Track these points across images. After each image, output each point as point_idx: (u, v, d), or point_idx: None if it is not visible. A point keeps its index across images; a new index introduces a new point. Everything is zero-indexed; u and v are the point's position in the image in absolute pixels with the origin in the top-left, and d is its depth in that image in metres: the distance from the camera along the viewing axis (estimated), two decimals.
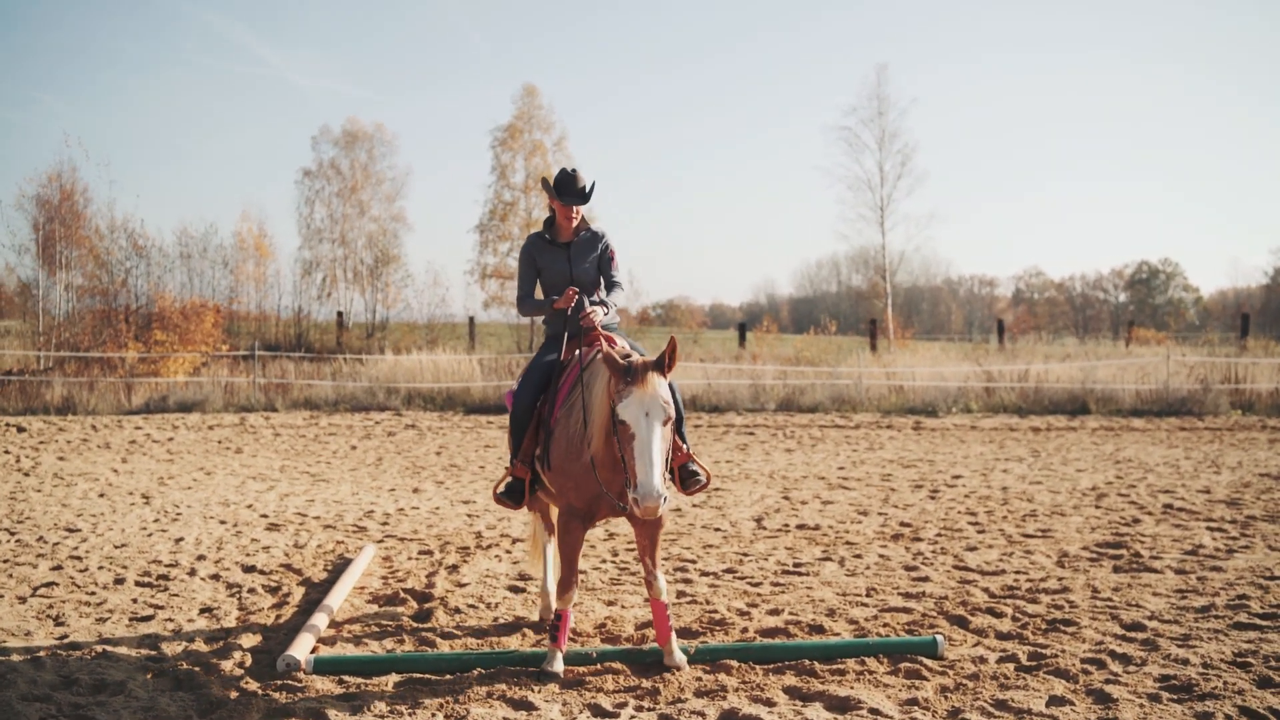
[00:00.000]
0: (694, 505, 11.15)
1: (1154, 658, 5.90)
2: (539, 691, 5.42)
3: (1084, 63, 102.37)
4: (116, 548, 8.95)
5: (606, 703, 5.27)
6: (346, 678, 5.68)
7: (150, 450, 16.11)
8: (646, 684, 5.54)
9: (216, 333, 28.88)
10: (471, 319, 40.68)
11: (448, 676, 5.68)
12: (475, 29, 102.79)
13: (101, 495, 11.67)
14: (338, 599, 7.15)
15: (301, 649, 5.96)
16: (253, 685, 5.55)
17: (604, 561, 8.63)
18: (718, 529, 9.90)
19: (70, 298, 32.82)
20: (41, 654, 6.08)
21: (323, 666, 5.77)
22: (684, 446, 6.36)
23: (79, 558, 8.56)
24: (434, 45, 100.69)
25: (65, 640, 6.36)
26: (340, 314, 42.40)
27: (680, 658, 5.84)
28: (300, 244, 54.31)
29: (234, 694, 5.41)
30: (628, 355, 5.64)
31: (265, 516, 10.45)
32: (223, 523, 10.10)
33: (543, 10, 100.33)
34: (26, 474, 13.33)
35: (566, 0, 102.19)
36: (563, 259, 6.49)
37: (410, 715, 5.12)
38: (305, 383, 24.01)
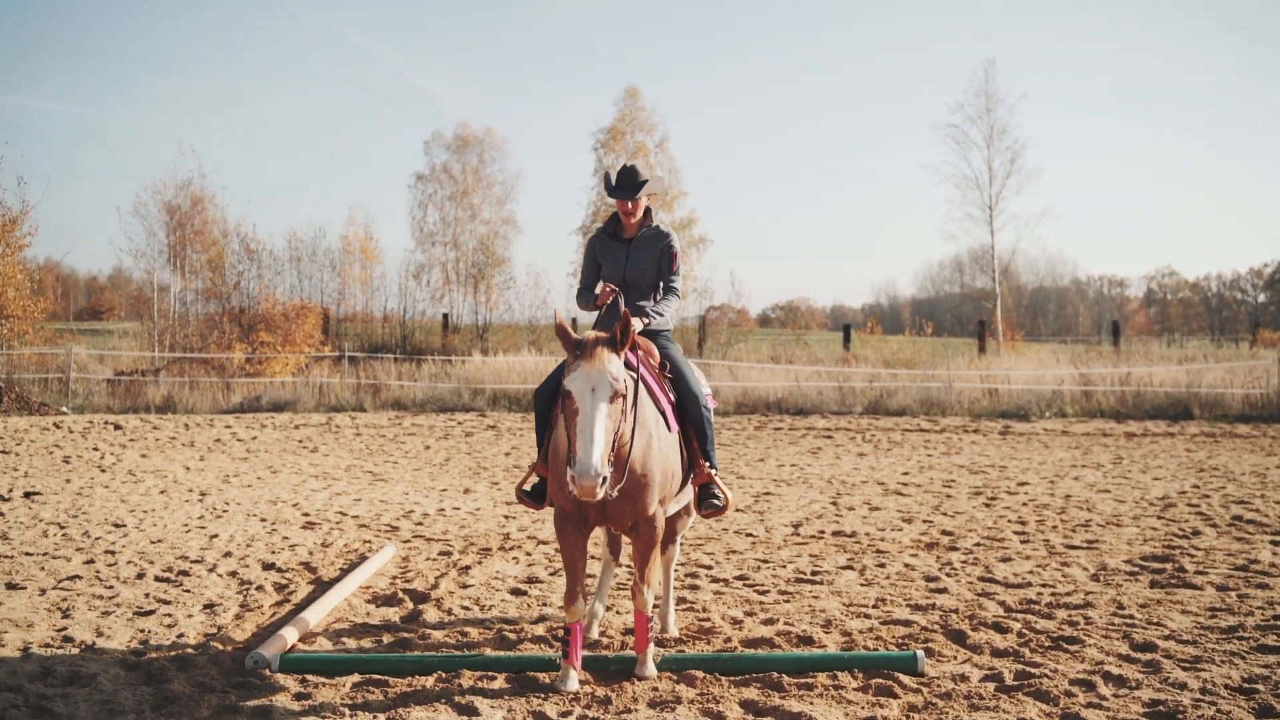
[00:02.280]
0: (737, 510, 10.94)
1: (1151, 681, 5.53)
2: (488, 698, 5.33)
3: (1214, 53, 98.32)
4: (152, 543, 9.17)
5: (553, 710, 5.16)
6: (310, 676, 5.67)
7: (230, 449, 16.54)
8: (601, 692, 5.40)
9: (317, 334, 29.60)
10: (574, 320, 40.91)
11: (406, 679, 5.62)
12: (596, 33, 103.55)
13: (162, 492, 12.00)
14: (335, 598, 7.18)
15: (274, 647, 5.99)
16: (216, 681, 5.60)
17: (619, 566, 8.49)
18: (750, 535, 9.68)
19: (186, 300, 34.03)
20: (34, 645, 6.23)
21: (288, 665, 5.79)
22: (706, 465, 6.15)
23: (113, 552, 8.79)
24: (555, 48, 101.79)
25: (62, 632, 6.51)
26: (446, 316, 43.01)
27: (652, 670, 5.68)
28: (413, 247, 55.51)
29: (193, 689, 5.45)
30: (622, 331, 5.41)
31: (306, 515, 10.60)
32: (263, 520, 10.28)
33: (656, 13, 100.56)
34: (103, 470, 13.80)
35: (681, 5, 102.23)
36: (621, 256, 6.29)
37: (351, 715, 5.08)
38: (397, 384, 24.43)
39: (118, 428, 19.08)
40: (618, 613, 7.09)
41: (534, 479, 6.24)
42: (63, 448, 16.10)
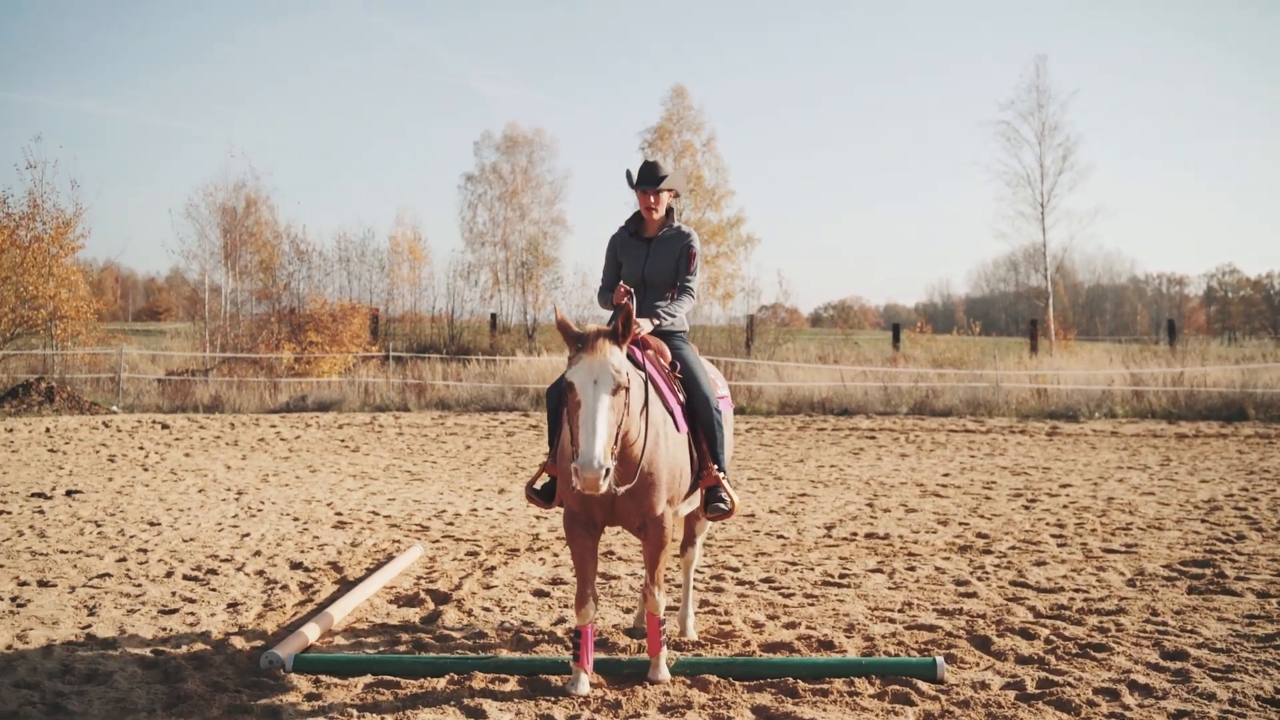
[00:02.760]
0: (770, 511, 10.83)
1: (1178, 691, 5.37)
2: (498, 700, 5.29)
3: (1276, 45, 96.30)
4: (184, 541, 9.25)
5: (561, 714, 5.11)
6: (323, 677, 5.67)
7: (273, 448, 16.68)
8: (612, 696, 5.35)
9: (365, 334, 29.83)
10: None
11: (418, 680, 5.60)
12: (645, 32, 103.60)
13: (201, 491, 12.12)
14: (357, 599, 7.19)
15: (290, 646, 6.00)
16: (230, 680, 5.61)
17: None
18: (781, 537, 9.58)
19: (237, 301, 34.45)
20: (56, 642, 6.29)
21: (301, 665, 5.79)
22: (714, 468, 6.06)
23: (145, 550, 8.87)
24: (604, 47, 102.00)
25: (86, 630, 6.57)
26: (494, 316, 43.21)
27: (665, 674, 5.61)
28: (462, 247, 55.82)
29: (207, 688, 5.47)
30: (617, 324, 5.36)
31: (339, 515, 10.64)
32: (295, 519, 10.34)
33: (705, 12, 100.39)
34: (145, 469, 13.97)
35: (730, 3, 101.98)
36: (641, 255, 6.22)
37: (360, 717, 5.06)
38: (442, 383, 24.54)
39: (165, 427, 19.34)
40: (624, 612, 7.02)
41: (544, 478, 6.19)
42: (109, 446, 16.33)
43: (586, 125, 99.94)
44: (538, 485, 6.17)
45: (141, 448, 16.33)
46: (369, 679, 5.62)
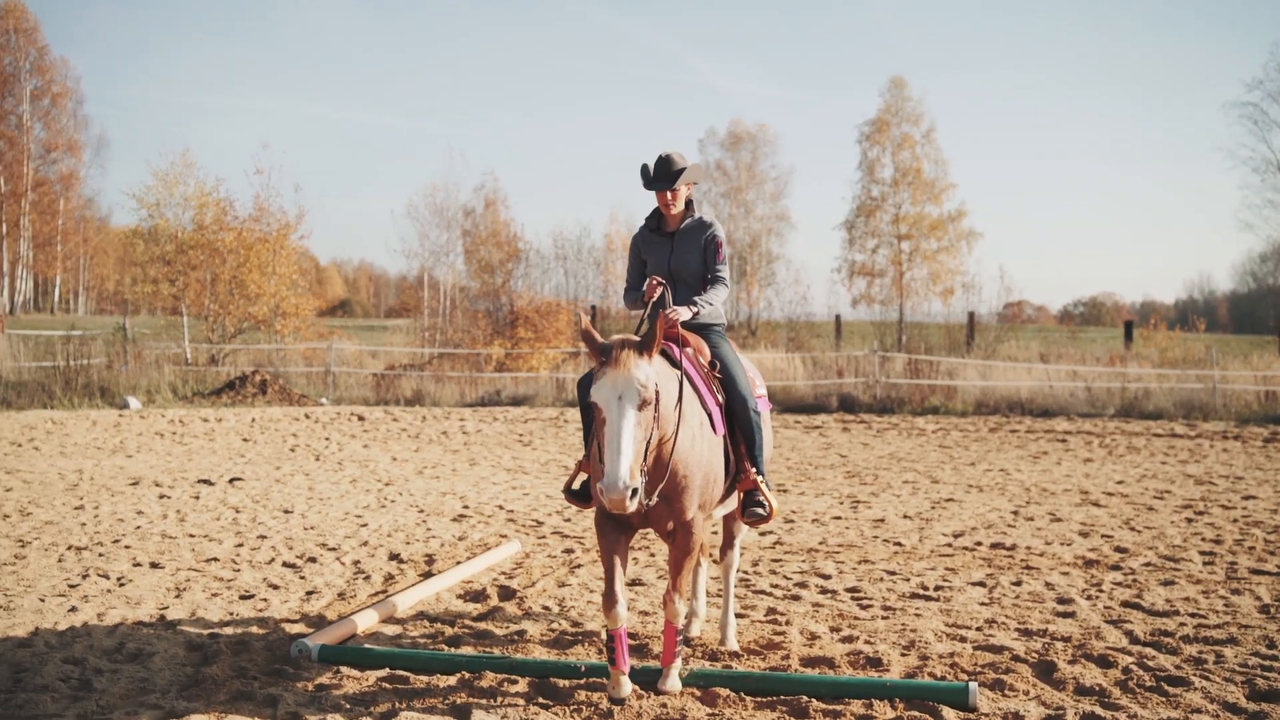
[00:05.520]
0: (904, 517, 10.29)
1: None
2: (492, 701, 5.18)
3: None
4: (305, 530, 9.58)
5: None
6: (343, 668, 5.71)
7: (450, 441, 17.17)
8: (605, 705, 5.14)
9: (569, 330, 30.39)
10: (838, 317, 40.13)
11: (431, 675, 5.56)
12: (864, 22, 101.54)
13: (353, 481, 12.57)
14: (425, 591, 7.26)
15: (325, 636, 6.08)
16: (254, 667, 5.73)
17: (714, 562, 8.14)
18: (898, 544, 9.07)
19: (456, 298, 35.85)
20: (127, 622, 6.62)
21: (325, 655, 5.86)
22: (752, 471, 5.82)
23: (265, 537, 9.25)
24: (824, 39, 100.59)
25: (162, 611, 6.89)
26: None
27: (675, 684, 5.36)
28: None
29: (229, 673, 5.60)
30: (638, 334, 5.17)
31: (465, 508, 10.80)
32: (420, 511, 10.56)
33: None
34: (317, 459, 14.64)
35: None
36: (665, 249, 6.03)
37: (349, 710, 5.06)
38: None
39: (360, 419, 20.23)
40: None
41: (582, 477, 6.03)
42: (298, 437, 17.22)
43: (808, 119, 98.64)
44: (575, 485, 6.03)
45: (328, 439, 17.13)
46: (384, 673, 5.63)
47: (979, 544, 9.03)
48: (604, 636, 6.00)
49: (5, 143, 53.38)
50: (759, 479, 5.81)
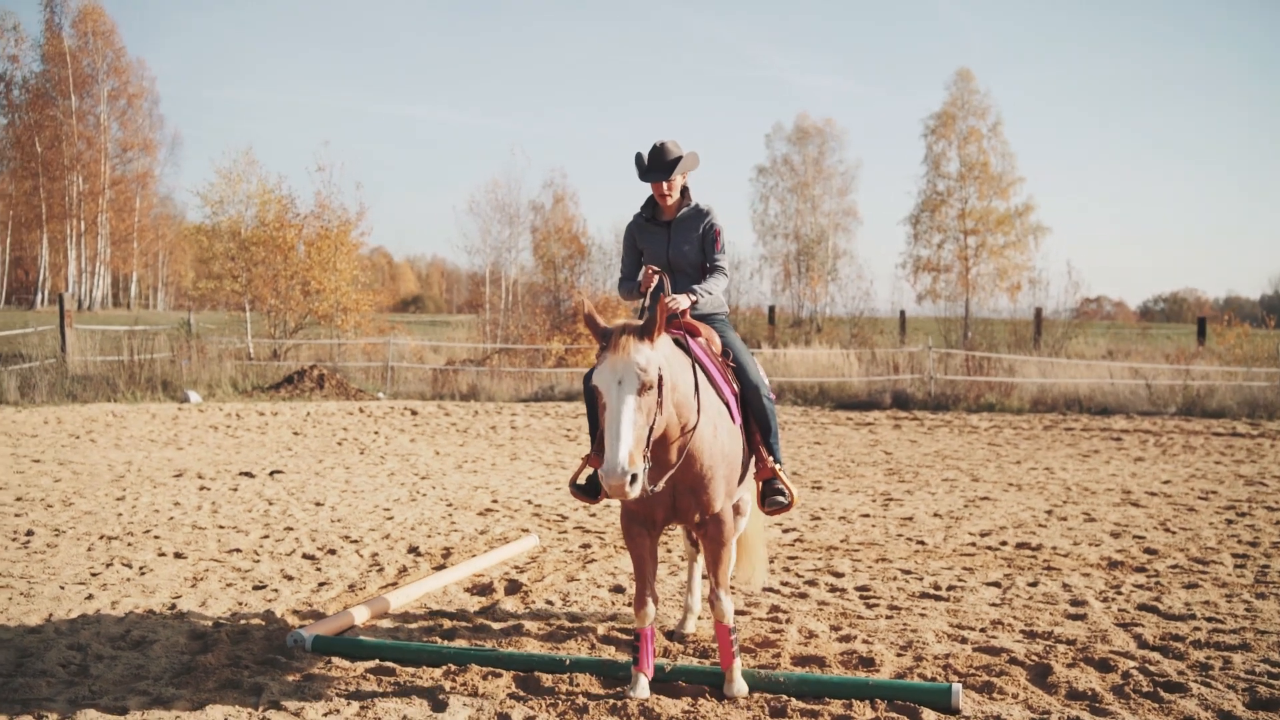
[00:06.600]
0: (933, 515, 10.14)
1: None
2: (470, 694, 5.20)
3: None
4: (332, 522, 9.71)
5: (519, 715, 4.96)
6: (335, 659, 5.78)
7: (496, 435, 17.27)
8: (581, 701, 5.13)
9: None
10: (902, 313, 39.69)
11: (417, 667, 5.60)
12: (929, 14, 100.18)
13: (391, 475, 12.71)
14: (433, 584, 7.32)
15: (322, 627, 6.16)
16: (248, 657, 5.83)
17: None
18: (921, 543, 8.94)
19: (518, 294, 36.08)
20: (138, 610, 6.76)
21: (319, 646, 5.93)
22: (769, 459, 5.80)
23: (291, 529, 9.38)
24: (889, 30, 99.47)
25: (175, 600, 7.03)
26: (771, 309, 43.03)
27: (741, 687, 5.26)
28: (755, 240, 55.97)
29: (222, 662, 5.71)
30: (640, 318, 5.14)
31: (494, 501, 10.87)
32: (448, 505, 10.64)
33: None
34: (362, 452, 14.82)
35: None
36: (662, 239, 5.99)
37: (330, 699, 5.12)
38: None
39: (413, 413, 20.42)
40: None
41: (587, 471, 6.01)
42: (348, 431, 17.43)
43: (872, 112, 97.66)
44: (580, 480, 6.01)
45: (376, 433, 17.32)
46: (373, 664, 5.68)
47: (1004, 544, 8.87)
48: (631, 635, 5.96)
49: (84, 142, 54.95)
50: (777, 467, 5.78)
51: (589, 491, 5.88)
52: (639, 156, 5.85)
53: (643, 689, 5.21)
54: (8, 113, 56.00)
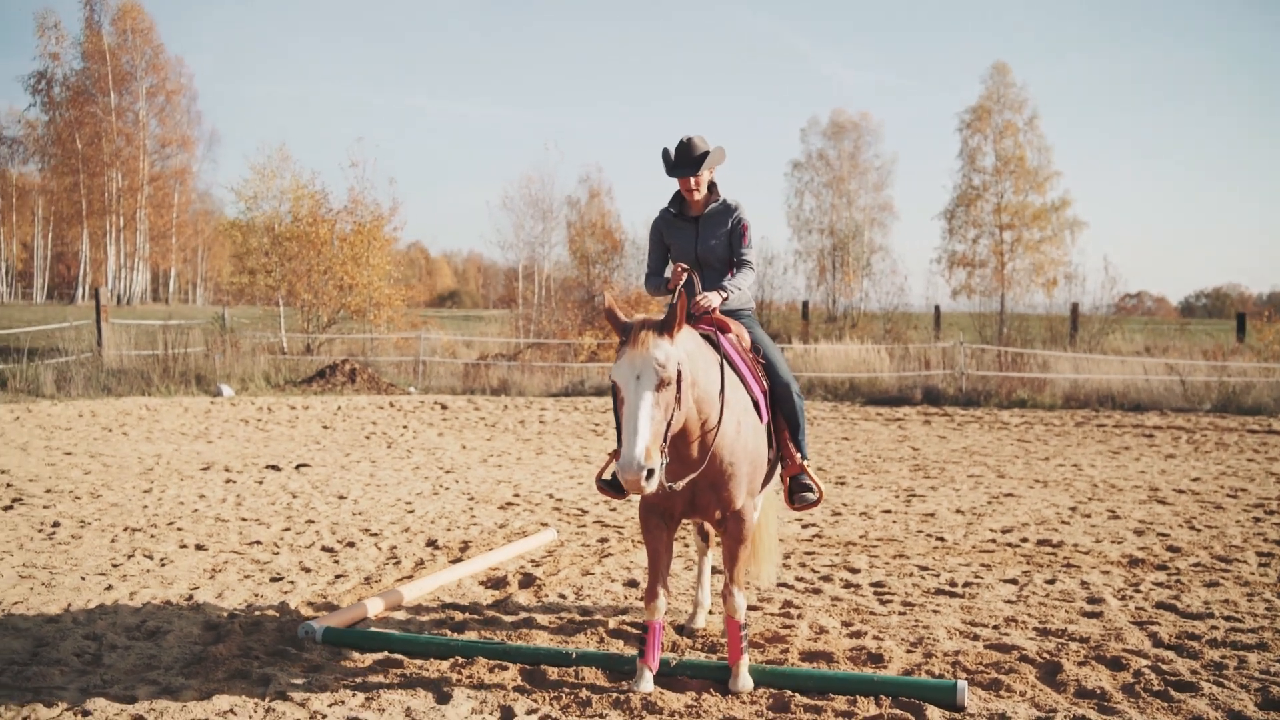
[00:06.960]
0: (956, 511, 10.07)
1: None
2: (475, 687, 5.22)
3: None
4: (353, 515, 9.77)
5: (521, 708, 4.98)
6: (345, 650, 5.83)
7: (525, 430, 17.31)
8: (584, 694, 5.14)
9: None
10: (937, 308, 39.42)
11: (425, 659, 5.63)
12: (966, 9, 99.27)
13: (416, 468, 12.77)
14: (447, 577, 7.36)
15: (334, 619, 6.21)
16: (259, 648, 5.88)
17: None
18: (940, 539, 8.88)
19: (551, 289, 36.15)
20: (155, 601, 6.84)
21: (329, 637, 5.98)
22: (798, 455, 5.81)
23: (313, 521, 9.46)
24: (925, 25, 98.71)
25: (192, 591, 7.10)
26: (805, 304, 42.83)
27: (747, 682, 5.27)
28: (789, 235, 55.76)
29: (233, 653, 5.76)
30: (659, 314, 5.14)
31: (517, 496, 10.89)
32: (470, 499, 10.68)
33: None
34: (389, 446, 14.91)
35: None
36: (690, 234, 6.00)
37: (337, 690, 5.16)
38: None
39: (444, 407, 20.52)
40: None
41: (613, 467, 6.01)
42: (377, 424, 17.53)
43: (907, 106, 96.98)
44: (606, 475, 6.02)
45: (405, 426, 17.40)
46: (381, 655, 5.72)
47: (1024, 540, 8.79)
48: (640, 627, 5.98)
49: (123, 139, 55.68)
50: (805, 463, 5.78)
51: (615, 487, 5.86)
52: (666, 152, 5.85)
53: (646, 683, 5.22)
54: (49, 110, 56.85)
